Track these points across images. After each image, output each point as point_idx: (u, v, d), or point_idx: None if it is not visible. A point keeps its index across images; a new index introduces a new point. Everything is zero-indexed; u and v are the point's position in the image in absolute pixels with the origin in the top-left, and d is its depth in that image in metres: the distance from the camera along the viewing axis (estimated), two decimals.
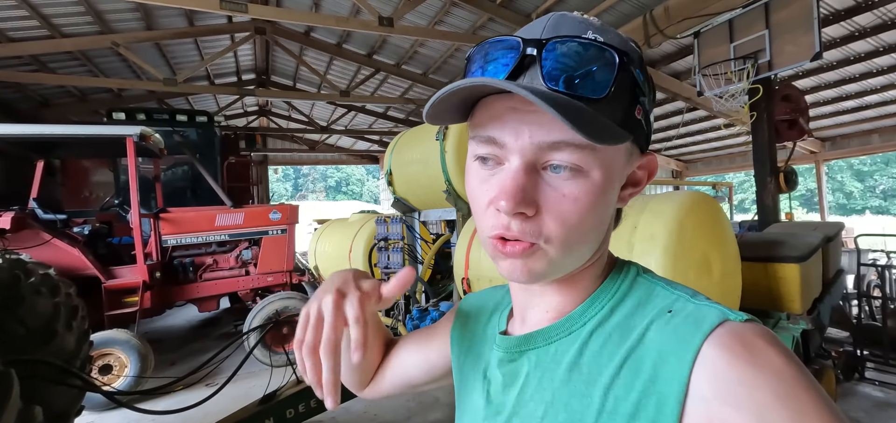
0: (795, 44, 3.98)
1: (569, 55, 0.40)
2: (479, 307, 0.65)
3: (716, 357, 0.37)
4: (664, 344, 0.40)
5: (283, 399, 2.56)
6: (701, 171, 13.37)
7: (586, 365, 0.44)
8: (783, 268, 2.30)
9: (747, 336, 0.37)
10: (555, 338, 0.48)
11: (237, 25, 7.60)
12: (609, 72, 0.40)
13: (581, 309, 0.48)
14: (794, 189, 4.54)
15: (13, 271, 2.18)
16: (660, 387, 0.38)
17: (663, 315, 0.43)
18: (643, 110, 0.45)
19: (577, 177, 0.41)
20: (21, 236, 4.07)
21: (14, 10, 5.64)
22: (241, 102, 11.53)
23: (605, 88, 0.40)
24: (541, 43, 0.41)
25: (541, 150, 0.41)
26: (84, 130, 4.60)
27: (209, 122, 7.61)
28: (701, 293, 0.45)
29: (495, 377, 0.53)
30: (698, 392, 0.37)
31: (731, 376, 0.36)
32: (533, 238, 0.42)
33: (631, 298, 0.47)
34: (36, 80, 6.97)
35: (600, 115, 0.39)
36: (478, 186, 0.45)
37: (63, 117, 8.34)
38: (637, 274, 0.50)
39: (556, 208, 0.41)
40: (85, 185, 7.60)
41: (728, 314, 0.40)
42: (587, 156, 0.40)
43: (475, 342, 0.61)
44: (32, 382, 1.76)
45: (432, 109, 0.44)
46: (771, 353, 0.36)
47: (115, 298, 4.49)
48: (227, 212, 5.32)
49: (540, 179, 0.42)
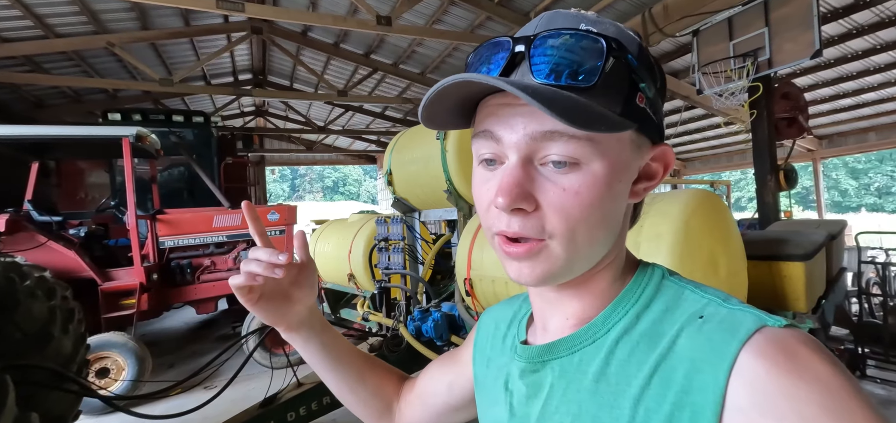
0: (795, 41, 3.98)
1: (556, 48, 0.39)
2: (497, 319, 0.63)
3: (755, 366, 0.35)
4: (697, 352, 0.38)
5: (284, 402, 2.52)
6: (699, 169, 13.41)
7: (614, 375, 0.42)
8: (788, 266, 2.29)
9: (789, 343, 0.36)
10: (578, 347, 0.46)
11: (233, 25, 7.55)
12: (596, 60, 0.39)
13: (604, 315, 0.46)
14: (795, 187, 4.54)
15: (8, 275, 2.15)
16: (694, 398, 0.36)
17: (694, 321, 0.41)
18: (647, 99, 0.43)
19: (576, 170, 0.40)
20: (16, 238, 4.03)
21: (7, 11, 5.58)
22: (237, 102, 11.48)
23: (594, 77, 0.39)
24: (529, 39, 0.41)
25: (535, 141, 0.40)
26: (79, 131, 4.56)
27: (206, 122, 7.57)
28: (733, 297, 0.43)
29: (518, 388, 0.51)
30: (736, 403, 0.35)
31: (772, 387, 0.34)
32: (536, 234, 0.41)
33: (657, 302, 0.44)
34: (30, 80, 6.91)
35: (593, 104, 0.38)
36: (480, 187, 0.45)
37: (58, 118, 8.27)
38: (662, 277, 0.47)
39: (556, 202, 0.40)
40: (81, 186, 7.53)
41: (765, 320, 0.38)
42: (584, 147, 0.39)
43: (495, 354, 0.60)
44: (28, 387, 1.72)
45: (427, 111, 0.43)
46: (815, 361, 0.34)
47: (111, 300, 4.45)
48: (225, 213, 5.28)
49: (538, 174, 0.41)
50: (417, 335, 2.79)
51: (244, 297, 0.58)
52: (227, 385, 2.56)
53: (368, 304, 3.86)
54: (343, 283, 4.29)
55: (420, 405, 0.71)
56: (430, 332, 2.74)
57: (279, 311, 0.63)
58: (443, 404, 0.69)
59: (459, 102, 0.44)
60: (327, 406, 2.68)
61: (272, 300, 0.62)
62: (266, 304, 0.61)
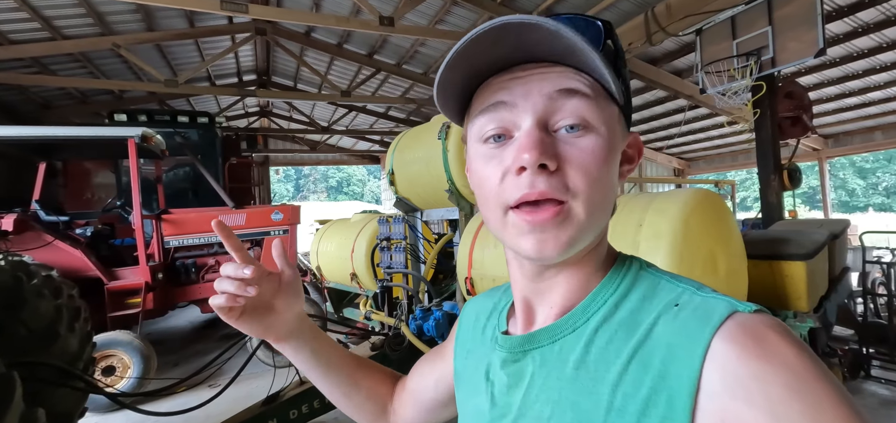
0: (799, 40, 3.96)
1: (563, 21, 0.42)
2: (478, 310, 0.64)
3: (726, 351, 0.36)
4: (673, 338, 0.39)
5: (286, 400, 2.55)
6: (703, 169, 13.34)
7: (593, 362, 0.43)
8: (789, 266, 2.29)
9: (758, 328, 0.37)
10: (559, 336, 0.47)
11: (238, 26, 7.60)
12: (598, 35, 0.44)
13: (584, 304, 0.47)
14: (798, 187, 4.52)
15: (15, 273, 2.18)
16: (670, 383, 0.38)
17: (670, 309, 0.42)
18: (625, 83, 0.47)
19: (589, 132, 0.43)
20: (23, 237, 4.08)
21: (15, 12, 5.64)
22: (242, 102, 11.54)
23: (599, 45, 0.43)
24: (541, 17, 0.43)
25: (552, 101, 0.42)
26: (86, 131, 4.60)
27: (210, 123, 7.62)
28: (706, 285, 0.44)
29: (499, 378, 0.52)
30: (710, 388, 0.36)
31: (743, 370, 0.35)
32: (560, 194, 0.41)
33: (635, 292, 0.46)
34: (37, 82, 6.98)
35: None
36: (485, 166, 0.45)
37: (64, 119, 8.35)
38: (640, 267, 0.49)
39: (577, 161, 0.42)
40: (87, 186, 7.61)
41: (737, 306, 0.39)
42: (595, 110, 0.43)
43: (475, 345, 0.60)
44: (35, 384, 1.75)
45: (444, 76, 0.44)
46: (782, 345, 0.35)
47: (117, 299, 4.50)
48: (229, 213, 5.32)
49: (555, 139, 0.43)
50: (419, 334, 2.81)
51: (225, 316, 0.58)
52: (229, 383, 2.59)
53: (371, 303, 3.88)
54: (346, 282, 4.31)
55: (412, 403, 0.71)
56: (431, 331, 2.76)
57: (264, 323, 0.62)
58: (431, 400, 0.70)
59: (461, 84, 0.46)
60: (329, 405, 2.70)
61: (255, 314, 0.61)
62: (249, 319, 0.61)
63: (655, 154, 12.86)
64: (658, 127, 10.75)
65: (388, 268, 3.22)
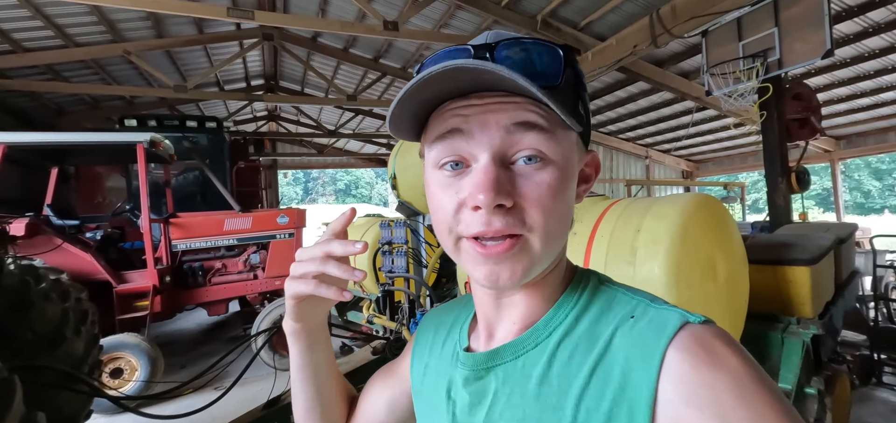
0: (805, 41, 3.90)
1: (519, 53, 0.42)
2: (437, 324, 0.63)
3: (680, 361, 0.38)
4: (630, 350, 0.41)
5: (287, 403, 2.56)
6: (712, 171, 13.19)
7: (556, 377, 0.44)
8: (793, 271, 2.25)
9: (707, 338, 0.39)
10: (522, 352, 0.47)
11: (245, 32, 7.70)
12: (557, 63, 0.42)
13: (545, 319, 0.47)
14: (807, 189, 4.44)
15: (23, 277, 2.23)
16: (630, 394, 0.39)
17: (626, 321, 0.43)
18: (584, 106, 0.46)
19: (546, 164, 0.42)
20: (34, 241, 4.15)
21: (29, 21, 5.77)
22: (250, 107, 11.67)
23: (558, 78, 0.42)
24: (490, 46, 0.42)
25: (509, 134, 0.41)
26: (96, 137, 4.69)
27: (218, 127, 7.72)
28: (659, 297, 0.46)
29: (461, 397, 0.51)
30: (665, 396, 0.38)
31: (695, 378, 0.37)
32: (517, 229, 0.41)
33: (594, 305, 0.47)
34: (50, 88, 7.13)
35: (557, 102, 0.41)
36: (442, 193, 0.44)
37: (77, 125, 8.52)
38: (599, 281, 0.50)
39: (533, 196, 0.41)
40: (98, 191, 7.74)
41: (687, 317, 0.41)
42: (550, 142, 0.42)
43: (434, 360, 0.59)
44: (39, 387, 1.78)
45: (398, 109, 0.43)
46: (728, 354, 0.38)
47: (126, 302, 4.56)
48: (236, 216, 5.38)
49: (511, 172, 0.42)
50: None
51: (312, 288, 0.50)
52: (232, 385, 2.61)
53: (373, 307, 3.89)
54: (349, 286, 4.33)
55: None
56: None
57: (317, 306, 0.57)
58: (385, 420, 0.64)
59: (417, 109, 0.45)
60: None
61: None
62: (313, 298, 0.54)
63: (663, 156, 12.74)
64: (666, 129, 10.66)
65: (389, 272, 3.23)
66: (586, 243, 2.01)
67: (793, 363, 2.01)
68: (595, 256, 1.94)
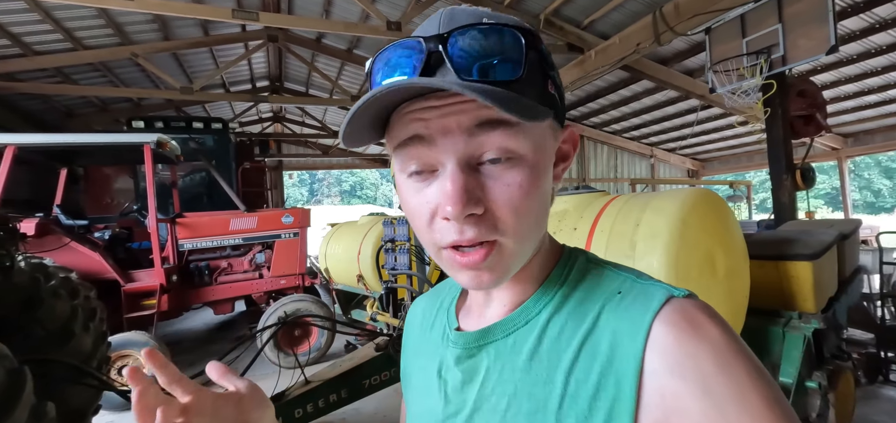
0: (810, 37, 3.88)
1: (475, 44, 0.39)
2: (424, 308, 0.63)
3: (665, 333, 0.39)
4: (617, 325, 0.42)
5: (291, 399, 2.59)
6: (718, 170, 13.10)
7: (546, 353, 0.45)
8: (795, 266, 2.25)
9: (690, 311, 0.40)
10: (512, 329, 0.48)
11: (250, 34, 7.76)
12: (518, 51, 0.39)
13: (535, 297, 0.48)
14: (812, 187, 4.42)
15: (33, 275, 2.27)
16: (617, 366, 0.40)
17: (614, 297, 0.44)
18: (555, 84, 0.44)
19: (516, 163, 0.40)
20: (44, 241, 4.22)
21: (39, 25, 5.87)
22: (255, 108, 11.75)
23: (520, 69, 0.39)
24: (442, 38, 0.39)
25: (473, 138, 0.39)
26: (104, 138, 4.76)
27: (224, 128, 7.79)
28: (644, 273, 0.46)
29: (453, 375, 0.51)
30: (651, 367, 0.39)
31: (679, 350, 0.38)
32: (490, 235, 0.41)
33: (583, 283, 0.47)
34: (60, 91, 7.24)
35: (521, 95, 0.38)
36: (415, 199, 0.43)
37: (86, 127, 8.63)
38: (587, 260, 0.51)
39: (504, 199, 0.40)
40: (107, 191, 7.84)
41: (672, 291, 0.42)
42: (518, 137, 0.40)
43: (422, 344, 0.60)
44: (47, 380, 1.83)
45: (349, 129, 0.41)
46: (711, 326, 0.39)
47: (133, 301, 4.62)
48: (241, 216, 5.42)
49: (480, 175, 0.40)
50: None
51: None
52: None
53: (377, 304, 3.92)
54: (353, 284, 4.36)
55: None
56: None
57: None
58: None
59: (377, 115, 0.42)
60: (334, 404, 2.74)
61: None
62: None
63: (668, 155, 12.68)
64: (670, 128, 10.61)
65: (392, 270, 3.26)
66: (586, 238, 2.02)
67: (793, 357, 2.01)
68: (595, 250, 1.95)
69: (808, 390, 2.09)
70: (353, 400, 2.79)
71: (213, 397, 0.49)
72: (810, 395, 2.17)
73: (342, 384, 2.71)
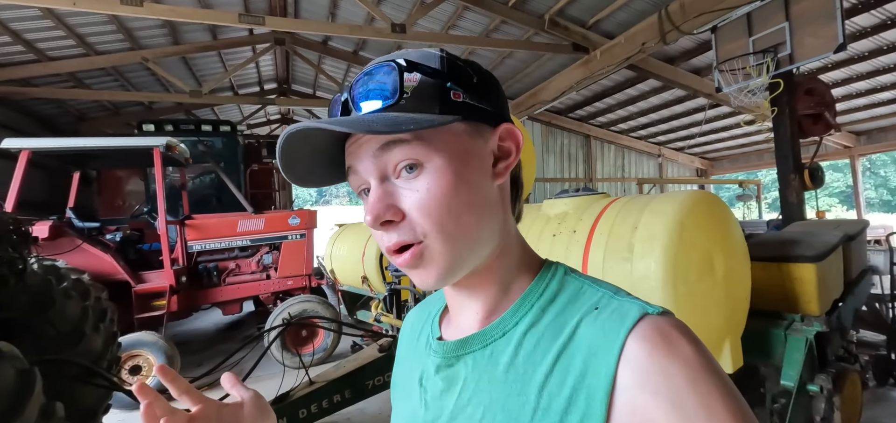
0: (817, 35, 3.84)
1: (365, 85, 0.46)
2: (414, 320, 0.66)
3: (638, 349, 0.40)
4: (593, 340, 0.43)
5: (296, 399, 2.62)
6: (727, 169, 12.94)
7: (522, 365, 0.46)
8: (798, 268, 2.23)
9: (664, 328, 0.41)
10: (490, 340, 0.49)
11: (258, 37, 7.85)
12: (393, 78, 0.44)
13: (513, 309, 0.49)
14: (821, 186, 4.36)
15: (46, 276, 2.34)
16: (589, 381, 0.41)
17: (591, 312, 0.45)
18: (462, 93, 0.46)
19: (422, 171, 0.45)
20: (58, 242, 4.32)
21: (52, 31, 6.00)
22: (263, 111, 11.87)
23: (397, 91, 0.44)
24: (351, 85, 0.47)
25: (379, 158, 0.45)
26: (115, 142, 4.85)
27: (232, 131, 7.89)
28: (622, 289, 0.47)
29: (434, 383, 0.53)
30: (623, 382, 0.39)
31: (651, 365, 0.39)
32: (411, 238, 0.45)
33: (561, 296, 0.48)
34: (73, 95, 7.40)
35: (404, 112, 0.44)
36: (365, 214, 0.49)
37: (98, 130, 8.80)
38: (565, 273, 0.51)
39: (415, 204, 0.44)
40: (119, 194, 7.99)
41: (647, 308, 0.43)
42: (419, 148, 0.44)
43: (410, 352, 0.62)
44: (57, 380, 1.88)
45: (285, 162, 0.47)
46: (683, 343, 0.40)
47: (144, 301, 4.71)
48: (249, 218, 5.49)
49: (396, 187, 0.45)
50: None
51: None
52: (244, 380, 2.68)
53: (381, 306, 3.95)
54: (358, 285, 4.40)
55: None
56: None
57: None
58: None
59: (326, 154, 0.50)
60: (338, 404, 2.77)
61: None
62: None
63: (676, 154, 12.56)
64: (678, 127, 10.52)
65: (395, 271, 3.29)
66: (585, 241, 2.03)
67: (795, 360, 1.99)
68: (593, 253, 1.96)
69: (811, 393, 2.08)
70: (356, 401, 2.81)
71: (218, 406, 0.54)
72: (814, 399, 2.15)
73: (346, 385, 2.74)
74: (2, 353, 1.30)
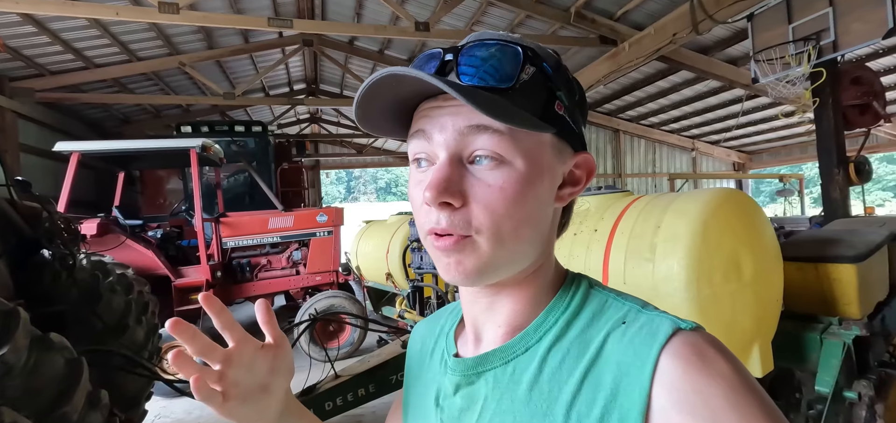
0: (864, 20, 3.61)
1: (479, 55, 0.43)
2: (424, 335, 0.63)
3: (673, 368, 0.38)
4: (622, 357, 0.41)
5: (322, 392, 2.71)
6: (767, 162, 12.34)
7: (547, 383, 0.43)
8: (837, 269, 2.11)
9: (699, 345, 0.39)
10: (512, 356, 0.47)
11: (287, 40, 8.07)
12: (514, 64, 0.43)
13: (535, 324, 0.47)
14: (868, 180, 4.12)
15: (94, 272, 2.51)
16: (621, 401, 0.39)
17: (618, 327, 0.43)
18: (564, 106, 0.45)
19: (501, 166, 0.42)
20: (104, 239, 4.59)
21: (98, 40, 6.38)
22: (293, 110, 12.19)
23: (512, 79, 0.42)
24: (458, 48, 0.44)
25: (463, 137, 0.42)
26: (154, 144, 5.12)
27: (263, 131, 8.15)
28: (649, 303, 0.46)
29: (452, 403, 0.50)
30: (658, 403, 0.38)
31: (687, 385, 0.37)
32: (462, 230, 0.42)
33: (585, 310, 0.46)
34: (117, 100, 7.85)
35: (511, 103, 0.41)
36: (414, 188, 0.47)
37: (141, 132, 9.29)
38: (589, 286, 0.49)
39: (482, 197, 0.42)
40: (160, 193, 8.42)
41: (679, 324, 0.41)
42: (508, 143, 0.42)
43: (422, 370, 0.59)
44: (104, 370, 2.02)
45: (362, 108, 0.45)
46: (720, 361, 0.38)
47: (182, 295, 4.95)
48: (279, 215, 5.68)
49: (467, 172, 0.43)
50: None
51: (213, 406, 0.49)
52: None
53: (405, 302, 4.02)
54: (383, 281, 4.48)
55: None
56: None
57: (259, 407, 0.53)
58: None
59: (395, 106, 0.46)
60: (362, 398, 2.84)
61: (249, 398, 0.51)
62: (241, 405, 0.51)
63: (711, 148, 12.09)
64: (713, 119, 10.12)
65: (418, 268, 3.34)
66: (606, 241, 2.00)
67: (831, 366, 1.90)
68: (614, 253, 1.93)
69: (848, 400, 1.98)
70: (380, 395, 2.87)
71: (254, 349, 0.52)
72: (854, 407, 2.04)
73: (369, 379, 2.80)
74: (53, 344, 1.42)
